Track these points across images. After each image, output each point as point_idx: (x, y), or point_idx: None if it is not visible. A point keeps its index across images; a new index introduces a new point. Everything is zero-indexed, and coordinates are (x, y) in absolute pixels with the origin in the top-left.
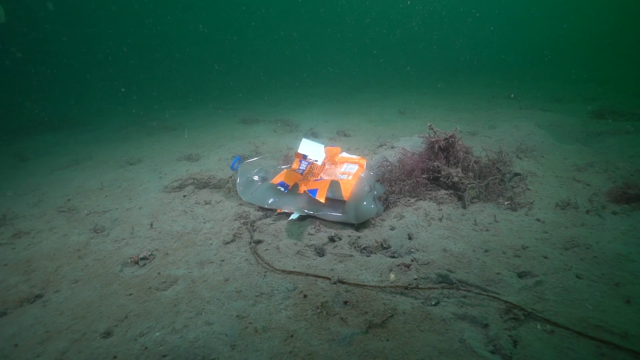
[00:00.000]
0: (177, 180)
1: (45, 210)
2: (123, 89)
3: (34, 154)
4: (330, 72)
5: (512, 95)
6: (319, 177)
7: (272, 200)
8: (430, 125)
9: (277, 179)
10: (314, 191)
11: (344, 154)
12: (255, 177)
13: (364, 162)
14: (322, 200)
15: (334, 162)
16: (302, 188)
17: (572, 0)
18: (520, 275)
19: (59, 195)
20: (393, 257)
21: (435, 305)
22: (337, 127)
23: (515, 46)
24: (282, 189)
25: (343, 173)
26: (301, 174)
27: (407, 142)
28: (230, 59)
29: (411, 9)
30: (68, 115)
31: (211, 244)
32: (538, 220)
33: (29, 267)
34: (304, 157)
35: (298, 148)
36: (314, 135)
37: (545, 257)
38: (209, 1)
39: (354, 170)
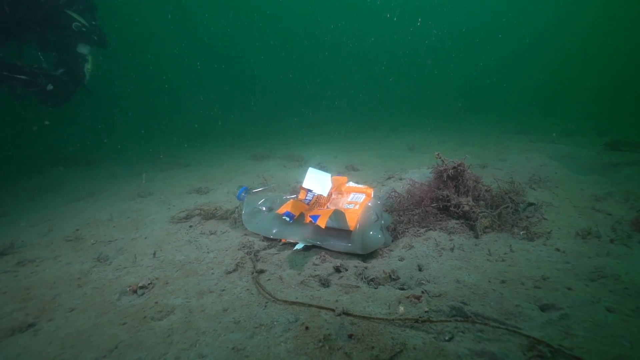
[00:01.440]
0: (184, 211)
1: (53, 239)
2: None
3: (52, 187)
4: (337, 107)
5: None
6: (325, 207)
7: (276, 230)
8: (438, 155)
9: (283, 209)
10: (315, 217)
11: (351, 184)
12: (262, 207)
13: (370, 191)
14: (322, 225)
15: (340, 191)
16: (308, 218)
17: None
18: (543, 308)
19: (68, 226)
20: (402, 288)
21: (449, 340)
22: (346, 162)
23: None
24: (288, 219)
25: (350, 202)
26: (307, 204)
27: (416, 174)
28: (239, 99)
29: (423, 32)
30: (87, 151)
31: (213, 274)
32: (558, 250)
33: (28, 295)
34: (309, 191)
35: (304, 179)
36: (322, 170)
37: (569, 289)
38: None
39: (361, 200)
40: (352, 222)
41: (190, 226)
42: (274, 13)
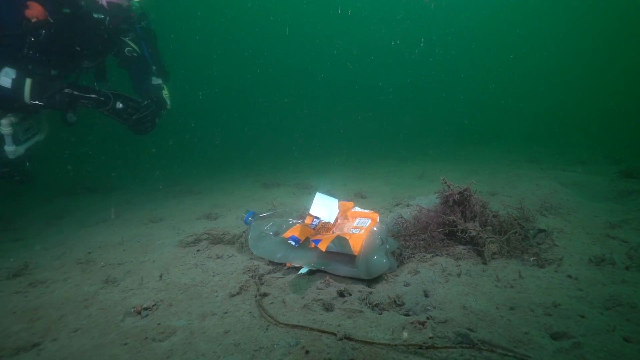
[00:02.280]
0: (192, 236)
1: (64, 262)
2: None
3: (69, 213)
4: (344, 135)
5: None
6: (330, 232)
7: (281, 254)
8: (443, 180)
9: (289, 233)
10: (317, 241)
11: (357, 209)
12: (268, 232)
13: (376, 216)
14: (323, 249)
15: (346, 216)
16: (313, 242)
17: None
18: (554, 336)
19: (81, 249)
20: (407, 314)
21: None
22: (355, 189)
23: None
24: (293, 243)
25: (355, 227)
26: (314, 229)
27: (423, 200)
28: (245, 128)
29: (428, 53)
30: (104, 180)
31: (216, 296)
32: (570, 276)
33: (35, 315)
34: (316, 217)
35: (311, 204)
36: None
37: (582, 317)
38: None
39: (367, 225)
40: (357, 246)
41: (198, 250)
42: (273, 39)
